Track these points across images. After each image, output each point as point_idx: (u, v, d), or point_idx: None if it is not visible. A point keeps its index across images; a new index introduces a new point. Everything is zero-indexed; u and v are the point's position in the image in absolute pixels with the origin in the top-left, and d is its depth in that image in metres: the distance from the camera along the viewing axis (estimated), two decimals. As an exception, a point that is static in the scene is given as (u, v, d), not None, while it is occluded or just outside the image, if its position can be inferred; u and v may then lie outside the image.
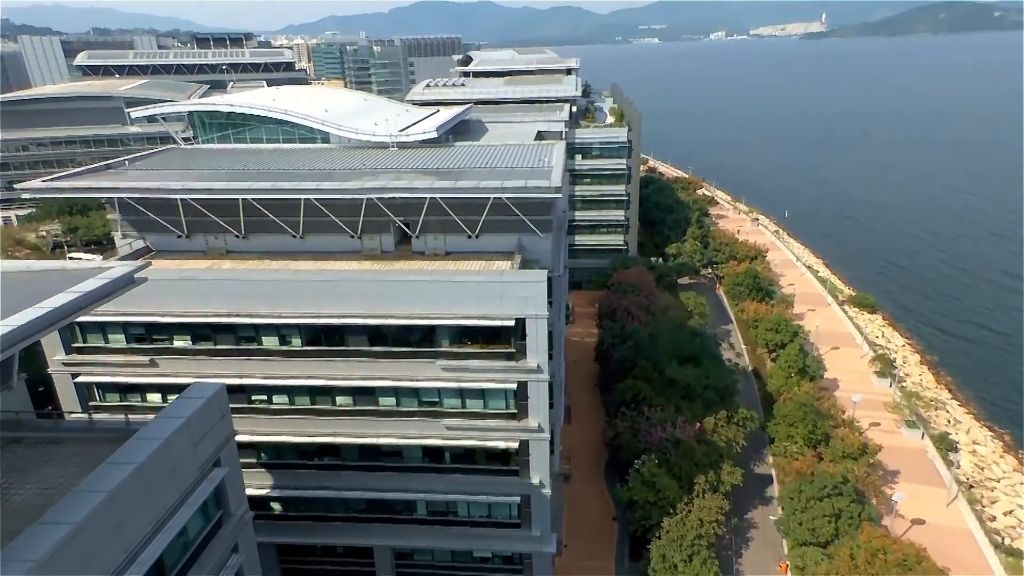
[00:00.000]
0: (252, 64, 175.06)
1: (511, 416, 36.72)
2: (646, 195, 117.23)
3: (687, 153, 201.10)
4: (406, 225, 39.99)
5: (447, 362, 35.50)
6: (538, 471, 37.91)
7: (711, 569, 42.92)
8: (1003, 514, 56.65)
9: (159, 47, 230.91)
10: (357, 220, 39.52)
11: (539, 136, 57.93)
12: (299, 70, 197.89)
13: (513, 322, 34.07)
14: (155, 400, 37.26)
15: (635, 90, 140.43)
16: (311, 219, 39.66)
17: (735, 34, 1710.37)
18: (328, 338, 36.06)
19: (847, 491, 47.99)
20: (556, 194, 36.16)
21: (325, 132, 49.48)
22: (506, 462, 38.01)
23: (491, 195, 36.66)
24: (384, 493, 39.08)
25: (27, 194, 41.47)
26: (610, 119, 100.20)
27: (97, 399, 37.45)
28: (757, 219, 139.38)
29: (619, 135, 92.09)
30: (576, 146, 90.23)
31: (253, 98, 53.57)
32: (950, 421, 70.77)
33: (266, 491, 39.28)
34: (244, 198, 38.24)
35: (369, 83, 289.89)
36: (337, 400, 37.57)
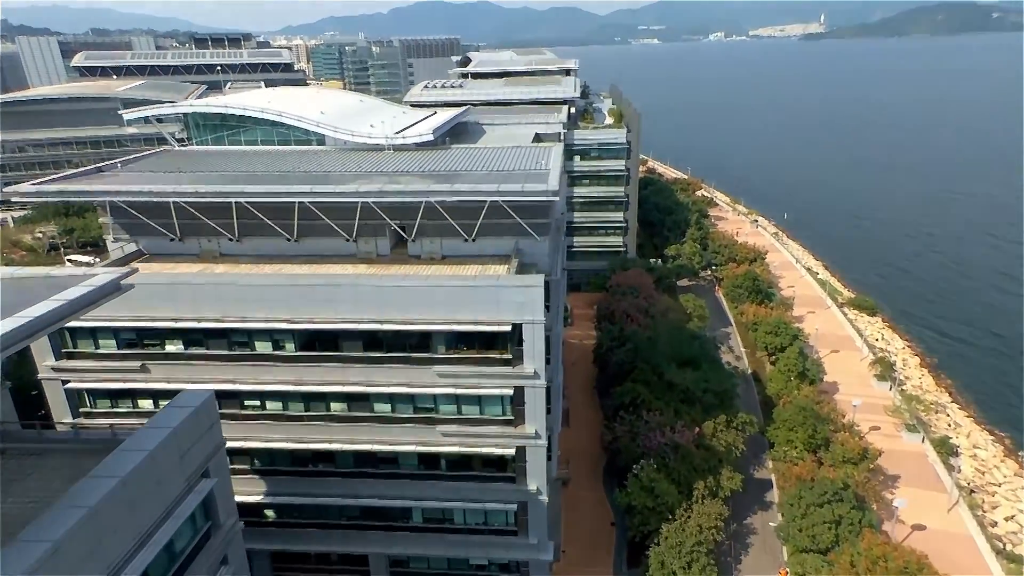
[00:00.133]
0: (250, 65, 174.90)
1: (507, 422, 36.29)
2: (645, 196, 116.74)
3: (686, 154, 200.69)
4: (402, 228, 39.51)
5: (443, 368, 35.12)
6: (535, 478, 37.49)
7: (710, 576, 42.53)
8: (1004, 519, 56.24)
9: (157, 48, 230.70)
10: (352, 223, 39.04)
11: (537, 138, 57.44)
12: (297, 71, 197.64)
13: (510, 327, 33.65)
14: (147, 406, 36.80)
15: (634, 90, 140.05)
16: (306, 222, 39.17)
17: (734, 35, 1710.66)
18: (322, 343, 35.66)
19: (847, 497, 47.54)
20: (553, 198, 35.66)
21: (320, 134, 48.95)
22: (503, 469, 37.58)
23: (487, 199, 36.17)
24: (379, 500, 38.63)
25: (16, 198, 40.92)
26: (609, 120, 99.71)
27: (88, 405, 36.99)
28: (756, 221, 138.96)
29: (618, 136, 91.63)
30: (575, 147, 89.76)
31: (248, 99, 53.03)
32: (951, 425, 70.33)
33: (259, 498, 38.79)
34: (237, 201, 37.76)
35: (368, 84, 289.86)
36: (331, 406, 37.08)
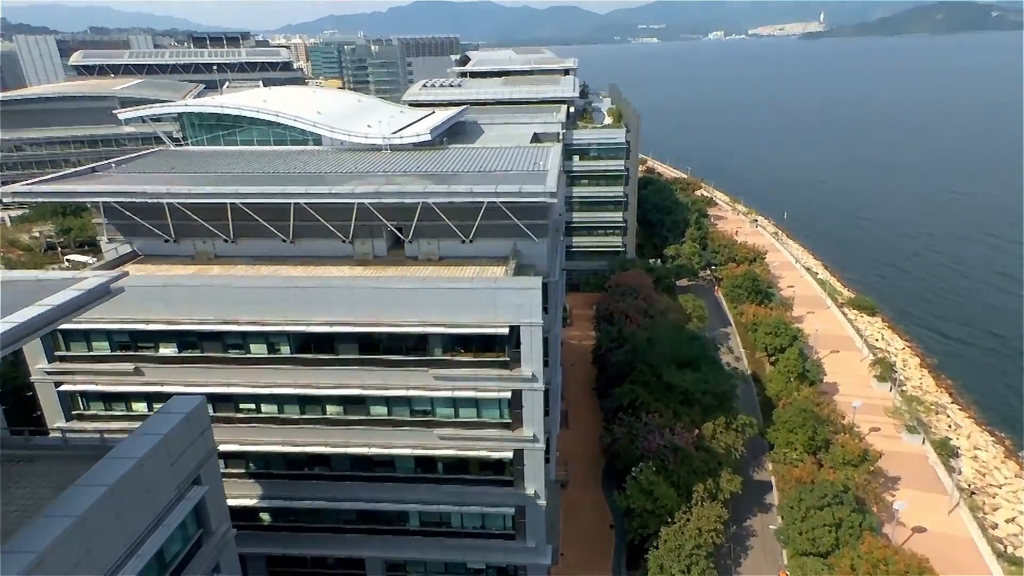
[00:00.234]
0: (248, 64, 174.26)
1: (505, 426, 35.98)
2: (644, 196, 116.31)
3: (686, 153, 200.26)
4: (399, 230, 39.19)
5: (439, 371, 34.79)
6: (533, 481, 37.17)
7: (709, 580, 42.21)
8: (1005, 521, 55.91)
9: (155, 46, 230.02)
10: (349, 224, 38.70)
11: (535, 138, 57.10)
12: (296, 69, 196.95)
13: (507, 330, 33.32)
14: (140, 409, 36.46)
15: (634, 89, 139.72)
16: (302, 223, 38.84)
17: (733, 34, 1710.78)
18: (318, 346, 35.30)
19: (848, 500, 47.22)
20: (551, 199, 35.29)
21: (317, 134, 48.54)
22: (500, 472, 37.25)
23: (485, 200, 35.81)
24: (376, 504, 38.34)
25: (7, 198, 40.53)
26: (608, 119, 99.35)
27: (81, 408, 36.63)
28: (756, 220, 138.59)
29: (617, 136, 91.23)
30: (573, 147, 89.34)
31: (244, 99, 52.64)
32: (951, 426, 70.02)
33: (255, 502, 38.47)
34: (232, 202, 37.37)
35: (367, 83, 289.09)
36: (327, 409, 36.80)
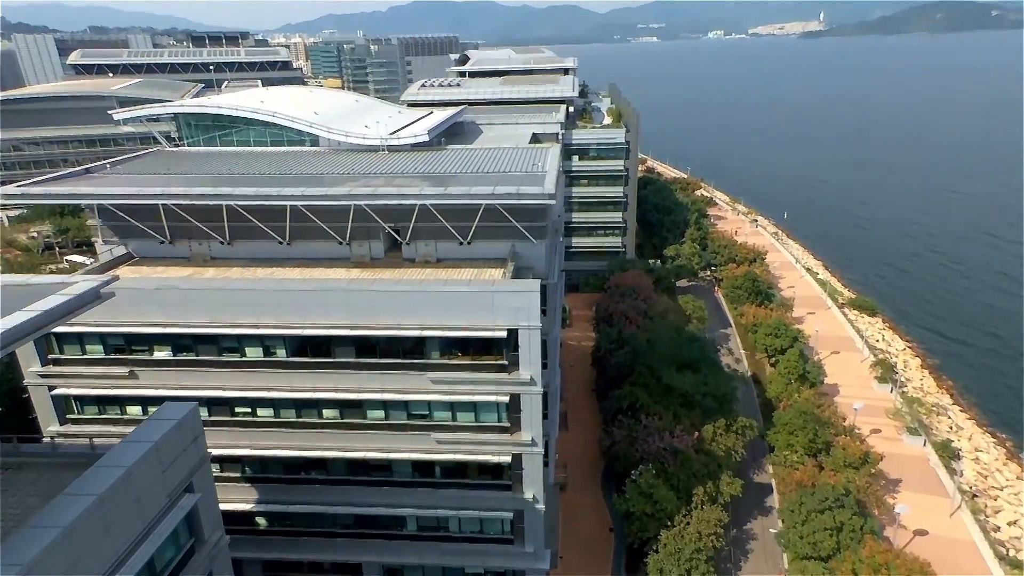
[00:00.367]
0: (247, 63, 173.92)
1: (503, 429, 35.61)
2: (644, 196, 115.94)
3: (686, 153, 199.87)
4: (396, 232, 38.82)
5: (437, 374, 34.42)
6: (531, 485, 36.81)
7: (709, 584, 41.90)
8: (1007, 524, 55.58)
9: (154, 46, 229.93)
10: (345, 226, 38.33)
11: (534, 138, 56.81)
12: (295, 69, 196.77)
13: (505, 333, 32.96)
14: (135, 412, 36.11)
15: (633, 89, 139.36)
16: (298, 225, 38.45)
17: (733, 33, 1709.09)
18: (314, 349, 34.92)
19: (849, 503, 46.87)
20: (549, 201, 34.93)
21: (314, 135, 48.25)
22: (498, 476, 36.89)
23: (482, 201, 35.46)
24: (373, 508, 37.92)
25: (1, 200, 40.17)
26: (607, 119, 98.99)
27: (75, 411, 36.27)
28: (756, 220, 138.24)
29: (616, 136, 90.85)
30: (573, 147, 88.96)
31: (241, 99, 52.31)
32: (952, 427, 69.69)
33: (251, 506, 38.09)
34: (228, 204, 37.01)
35: (366, 82, 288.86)
36: (324, 413, 36.42)
